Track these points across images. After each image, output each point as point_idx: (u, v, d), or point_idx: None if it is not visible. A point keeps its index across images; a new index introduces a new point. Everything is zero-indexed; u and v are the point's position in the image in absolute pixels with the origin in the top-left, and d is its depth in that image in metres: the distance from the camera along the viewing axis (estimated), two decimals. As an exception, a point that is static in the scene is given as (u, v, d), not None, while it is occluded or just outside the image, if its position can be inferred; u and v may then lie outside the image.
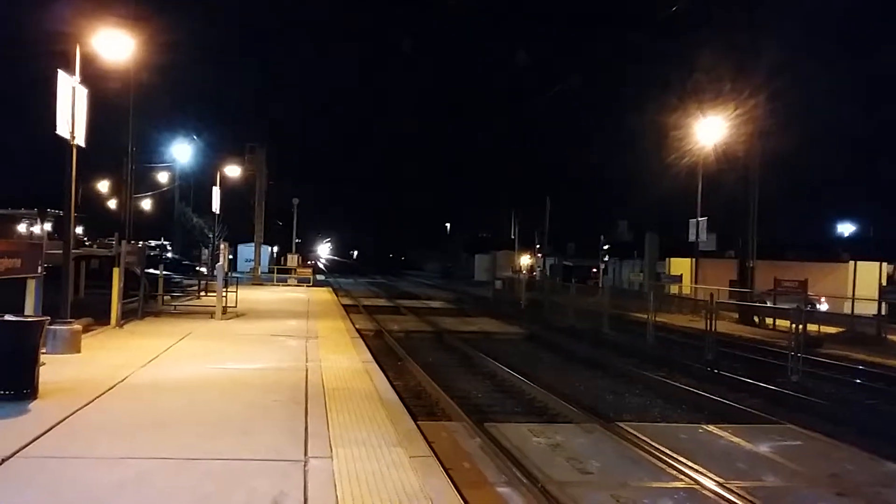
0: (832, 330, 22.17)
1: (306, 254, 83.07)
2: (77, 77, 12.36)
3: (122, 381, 9.85)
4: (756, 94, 28.69)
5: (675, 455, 8.68)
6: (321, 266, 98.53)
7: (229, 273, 26.65)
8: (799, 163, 45.33)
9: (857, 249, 39.01)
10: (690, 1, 27.13)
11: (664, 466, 8.41)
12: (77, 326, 12.34)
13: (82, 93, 12.50)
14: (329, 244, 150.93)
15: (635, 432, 9.83)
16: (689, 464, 8.38)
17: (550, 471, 8.15)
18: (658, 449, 8.96)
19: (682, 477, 8.03)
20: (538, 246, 61.58)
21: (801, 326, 16.68)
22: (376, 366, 12.29)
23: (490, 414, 11.65)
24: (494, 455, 8.57)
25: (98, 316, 16.07)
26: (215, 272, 22.21)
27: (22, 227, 31.07)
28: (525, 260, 61.82)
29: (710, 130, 30.64)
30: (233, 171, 44.57)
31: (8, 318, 8.58)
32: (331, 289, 40.42)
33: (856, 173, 62.24)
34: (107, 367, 10.71)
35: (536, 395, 13.26)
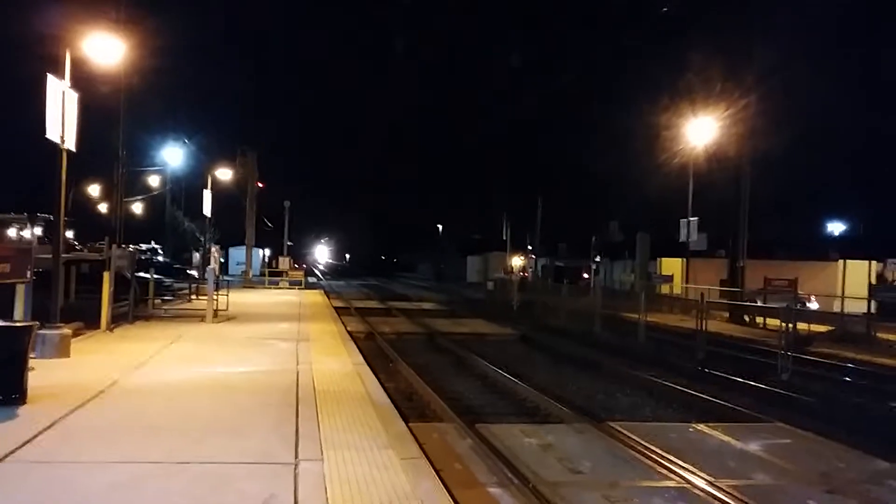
0: (822, 328, 22.25)
1: (301, 257, 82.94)
2: (67, 81, 12.32)
3: (112, 385, 9.83)
4: (747, 95, 28.81)
5: (665, 454, 8.72)
6: (317, 270, 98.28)
7: (220, 276, 26.61)
8: (789, 162, 45.54)
9: (846, 248, 39.16)
10: (682, 2, 27.25)
11: (655, 465, 8.45)
12: (67, 331, 12.30)
13: (72, 97, 12.46)
14: (325, 246, 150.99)
15: (626, 432, 9.87)
16: (680, 463, 8.41)
17: (542, 471, 8.17)
18: (649, 448, 8.99)
19: (673, 476, 8.07)
20: (530, 247, 61.68)
21: (790, 325, 16.76)
22: (367, 368, 12.30)
23: (482, 415, 11.65)
24: (486, 456, 8.59)
25: (88, 320, 16.01)
26: (206, 275, 22.14)
27: (12, 232, 30.95)
28: (517, 261, 61.92)
29: (701, 130, 30.70)
30: (224, 174, 44.46)
31: (-3, 323, 8.56)
32: (323, 291, 40.39)
33: (845, 172, 62.46)
34: (96, 372, 10.68)
35: (528, 395, 13.28)
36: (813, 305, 29.39)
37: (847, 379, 15.91)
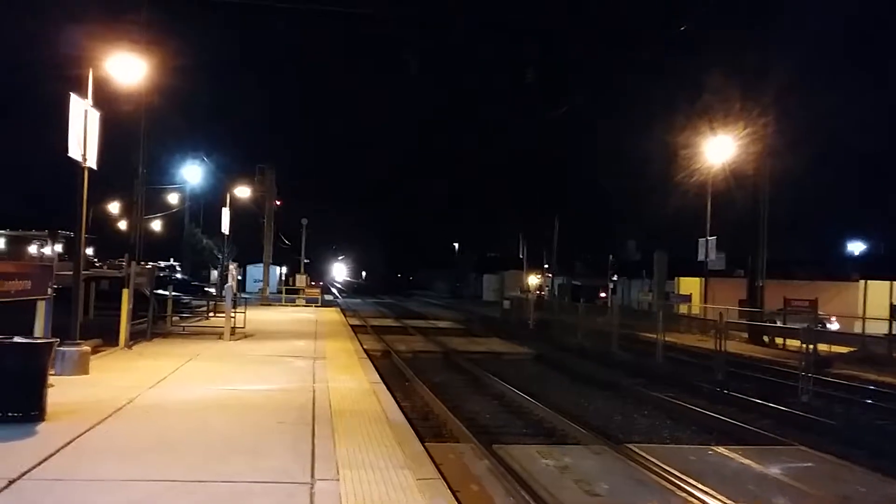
0: (843, 349, 22.00)
1: (318, 275, 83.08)
2: (89, 100, 12.49)
3: (130, 402, 9.87)
4: (765, 113, 28.69)
5: (684, 477, 8.60)
6: (334, 288, 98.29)
7: (238, 294, 26.71)
8: (809, 181, 45.23)
9: (867, 268, 38.80)
10: (699, 20, 27.20)
11: (674, 489, 8.34)
12: (86, 348, 12.37)
13: (94, 115, 12.62)
14: (343, 264, 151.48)
15: (644, 454, 9.76)
16: (699, 486, 8.30)
17: (559, 493, 8.09)
18: (667, 471, 8.88)
19: (692, 500, 7.96)
20: (546, 266, 61.54)
21: (811, 346, 16.58)
22: (384, 386, 12.27)
23: (498, 435, 11.58)
24: (503, 477, 8.52)
25: (107, 337, 16.11)
26: (224, 293, 22.26)
27: (33, 248, 31.33)
28: (533, 280, 61.67)
29: (719, 149, 30.62)
30: (242, 192, 44.81)
31: (17, 339, 8.62)
32: (339, 309, 40.44)
33: (866, 192, 61.95)
34: (115, 389, 10.73)
35: (545, 416, 13.20)
36: (833, 326, 29.08)
37: (869, 401, 15.69)
